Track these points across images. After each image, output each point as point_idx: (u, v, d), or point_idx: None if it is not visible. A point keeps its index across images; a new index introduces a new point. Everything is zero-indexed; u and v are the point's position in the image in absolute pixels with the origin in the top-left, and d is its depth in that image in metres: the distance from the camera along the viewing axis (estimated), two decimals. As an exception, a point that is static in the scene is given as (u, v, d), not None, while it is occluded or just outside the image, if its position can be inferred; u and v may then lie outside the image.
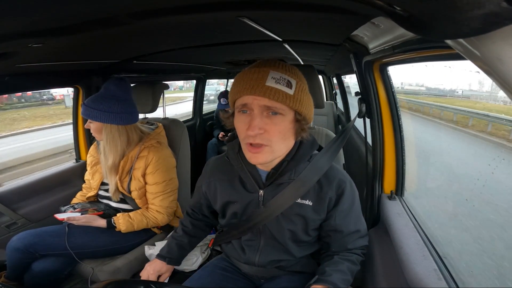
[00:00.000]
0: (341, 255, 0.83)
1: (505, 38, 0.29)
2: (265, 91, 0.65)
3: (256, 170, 0.81)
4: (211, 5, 0.63)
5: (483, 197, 2.19)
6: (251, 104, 0.67)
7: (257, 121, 0.66)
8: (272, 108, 0.66)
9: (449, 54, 0.63)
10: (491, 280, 1.54)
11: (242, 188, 0.83)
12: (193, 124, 3.18)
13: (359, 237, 0.85)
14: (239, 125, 0.71)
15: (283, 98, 0.65)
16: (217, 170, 0.89)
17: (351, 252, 0.84)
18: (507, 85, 0.31)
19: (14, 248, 1.12)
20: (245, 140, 0.70)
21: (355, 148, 2.04)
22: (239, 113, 0.70)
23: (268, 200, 0.79)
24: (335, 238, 0.83)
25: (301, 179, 0.77)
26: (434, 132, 4.84)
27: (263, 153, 0.69)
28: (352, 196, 0.82)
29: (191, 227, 1.01)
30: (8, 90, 1.26)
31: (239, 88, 0.68)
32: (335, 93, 4.06)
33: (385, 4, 0.43)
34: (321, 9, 0.69)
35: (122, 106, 1.20)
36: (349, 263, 0.81)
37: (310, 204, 0.79)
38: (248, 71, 0.69)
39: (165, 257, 0.97)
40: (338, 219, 0.81)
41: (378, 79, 1.13)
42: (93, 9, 0.55)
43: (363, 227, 0.86)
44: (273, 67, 0.68)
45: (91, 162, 1.40)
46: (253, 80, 0.66)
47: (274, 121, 0.68)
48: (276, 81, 0.65)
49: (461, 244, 1.96)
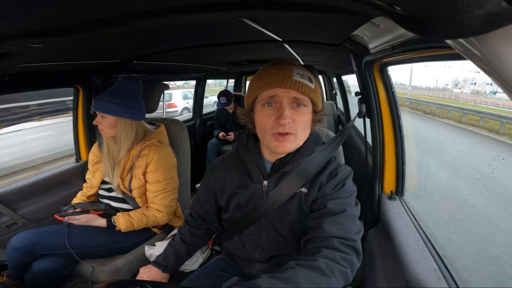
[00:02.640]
0: (315, 244, 0.67)
1: (505, 38, 0.29)
2: (294, 84, 0.72)
3: (262, 161, 0.84)
4: (211, 5, 0.63)
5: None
6: (281, 96, 0.72)
7: (287, 111, 0.72)
8: (299, 99, 0.73)
9: (449, 54, 0.63)
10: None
11: (248, 179, 0.86)
12: (193, 124, 3.18)
13: (341, 224, 0.70)
14: (264, 117, 0.75)
15: (308, 91, 0.73)
16: (226, 164, 0.92)
17: (333, 246, 0.65)
18: (507, 85, 0.31)
19: (14, 248, 1.12)
20: (273, 130, 0.73)
21: (355, 148, 2.04)
22: (263, 106, 0.75)
23: (270, 191, 0.82)
24: (313, 218, 0.74)
25: (301, 171, 0.80)
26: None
27: (289, 141, 0.74)
28: (343, 181, 0.78)
29: (188, 236, 1.00)
30: (8, 90, 1.26)
31: (266, 82, 0.73)
32: (335, 93, 4.06)
33: (385, 4, 0.43)
34: (321, 9, 0.69)
35: (136, 101, 1.25)
36: (325, 259, 0.61)
37: (305, 192, 0.81)
38: (272, 67, 0.75)
39: (161, 264, 0.97)
40: (320, 198, 0.76)
41: (378, 79, 1.13)
42: (93, 9, 0.55)
43: (350, 213, 0.72)
44: (295, 66, 0.76)
45: (93, 161, 1.40)
46: (280, 75, 0.73)
47: (299, 112, 0.74)
48: (301, 76, 0.73)
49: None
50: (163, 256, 0.98)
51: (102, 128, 1.25)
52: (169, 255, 0.98)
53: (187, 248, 1.00)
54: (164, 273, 0.97)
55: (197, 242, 1.02)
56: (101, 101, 1.20)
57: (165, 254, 0.99)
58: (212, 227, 1.01)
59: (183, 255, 0.99)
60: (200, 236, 1.01)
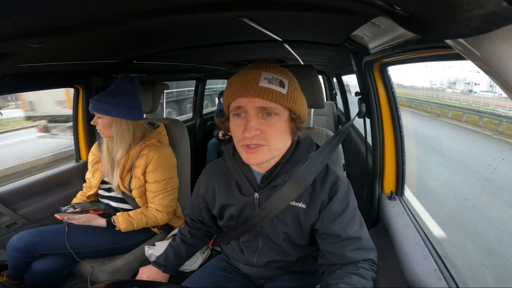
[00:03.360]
0: (344, 269, 0.71)
1: (505, 38, 0.29)
2: (258, 91, 0.65)
3: (251, 173, 0.80)
4: (211, 5, 0.63)
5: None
6: (246, 106, 0.66)
7: (253, 123, 0.66)
8: (267, 108, 0.66)
9: (449, 54, 0.63)
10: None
11: (238, 191, 0.82)
12: (193, 124, 3.18)
13: (360, 248, 0.73)
14: (235, 129, 0.70)
15: (277, 97, 0.66)
16: (215, 173, 0.88)
17: (356, 266, 0.71)
18: (507, 85, 0.31)
19: (14, 248, 1.12)
20: (241, 142, 0.69)
21: (355, 148, 2.04)
22: (234, 117, 0.70)
23: (263, 202, 0.79)
24: (331, 244, 0.74)
25: (296, 180, 0.76)
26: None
27: (261, 152, 0.69)
28: (346, 198, 0.76)
29: (189, 236, 1.00)
30: (8, 90, 1.26)
31: (233, 91, 0.67)
32: (335, 93, 4.05)
33: (385, 4, 0.43)
34: (321, 9, 0.69)
35: (132, 101, 1.25)
36: (357, 276, 0.67)
37: (304, 207, 0.77)
38: (241, 73, 0.69)
39: (161, 265, 0.96)
40: (327, 220, 0.74)
41: (378, 79, 1.13)
42: (93, 9, 0.55)
43: (364, 235, 0.75)
44: (264, 69, 0.68)
45: (93, 161, 1.40)
46: (245, 82, 0.66)
47: (270, 122, 0.67)
48: (269, 81, 0.65)
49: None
50: (164, 256, 0.98)
51: (99, 129, 1.26)
52: (169, 256, 0.98)
53: (188, 249, 1.00)
54: (164, 273, 0.96)
55: (197, 243, 1.02)
56: (97, 101, 1.21)
57: (165, 255, 0.98)
58: (211, 230, 1.01)
59: (184, 255, 0.99)
60: (200, 237, 1.01)
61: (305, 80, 1.14)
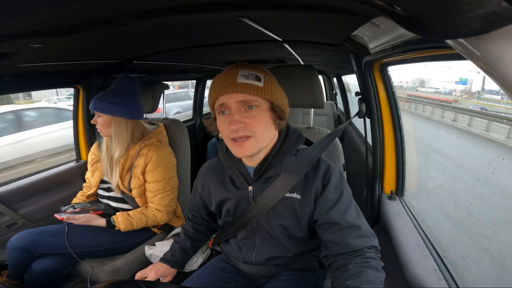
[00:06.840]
0: (354, 263, 0.70)
1: (505, 38, 0.29)
2: (237, 87, 0.71)
3: (243, 167, 0.83)
4: (211, 5, 0.63)
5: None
6: (228, 102, 0.72)
7: (236, 116, 0.71)
8: (248, 102, 0.72)
9: (449, 54, 0.63)
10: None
11: (232, 186, 0.86)
12: (193, 124, 3.18)
13: (362, 235, 0.75)
14: (221, 126, 0.75)
15: (255, 90, 0.71)
16: (210, 172, 0.92)
17: (364, 257, 0.71)
18: (507, 85, 0.31)
19: (14, 247, 1.12)
20: (229, 137, 0.74)
21: (355, 148, 2.04)
22: (220, 115, 0.75)
23: (258, 195, 0.81)
24: (332, 234, 0.75)
25: (290, 172, 0.79)
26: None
27: (248, 144, 0.73)
28: (340, 186, 0.78)
29: (192, 231, 1.03)
30: (8, 90, 1.26)
31: (215, 91, 0.74)
32: (335, 93, 4.05)
33: (385, 4, 0.43)
34: (321, 9, 0.69)
35: (131, 101, 1.25)
36: (373, 270, 0.68)
37: (298, 198, 0.79)
38: (220, 75, 0.75)
39: (169, 260, 0.99)
40: (324, 209, 0.76)
41: (378, 79, 1.13)
42: (93, 9, 0.55)
43: (363, 222, 0.77)
44: (241, 67, 0.74)
45: (92, 160, 1.40)
46: (225, 81, 0.72)
47: (252, 114, 0.73)
48: (245, 77, 0.72)
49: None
50: (170, 252, 1.01)
51: (99, 127, 1.26)
52: (175, 251, 1.00)
53: (193, 244, 1.03)
54: (172, 268, 0.99)
55: (201, 237, 1.05)
56: (96, 100, 1.22)
57: (172, 250, 1.01)
58: (213, 225, 1.04)
59: (189, 250, 1.02)
60: (204, 232, 1.05)
61: (305, 80, 1.14)
